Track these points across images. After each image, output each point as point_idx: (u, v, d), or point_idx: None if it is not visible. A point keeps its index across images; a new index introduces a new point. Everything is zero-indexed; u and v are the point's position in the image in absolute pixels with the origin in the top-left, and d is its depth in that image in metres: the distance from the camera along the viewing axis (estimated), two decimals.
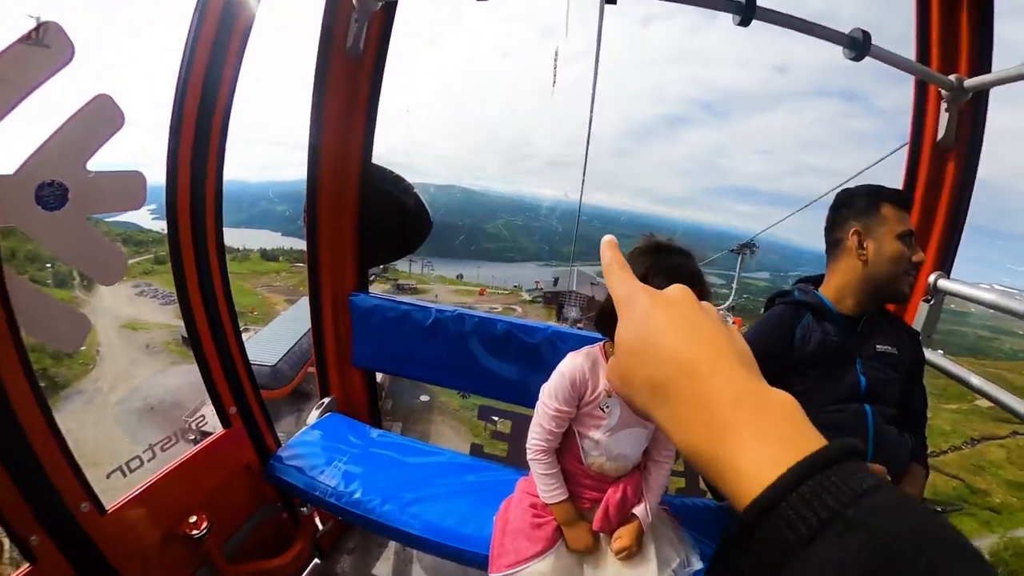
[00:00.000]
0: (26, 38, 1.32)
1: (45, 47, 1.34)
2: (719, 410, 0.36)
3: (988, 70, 1.90)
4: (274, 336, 20.28)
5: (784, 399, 0.36)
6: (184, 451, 1.93)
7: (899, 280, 1.57)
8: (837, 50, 1.77)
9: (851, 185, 1.70)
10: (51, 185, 1.42)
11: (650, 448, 1.50)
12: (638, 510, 1.44)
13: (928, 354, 1.85)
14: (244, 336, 2.13)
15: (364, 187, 2.45)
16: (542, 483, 1.46)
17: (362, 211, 2.48)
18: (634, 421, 1.40)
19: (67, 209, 1.45)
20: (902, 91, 2.20)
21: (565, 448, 1.48)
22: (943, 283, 2.00)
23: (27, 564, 1.40)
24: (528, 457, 1.48)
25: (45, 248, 1.46)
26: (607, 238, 0.54)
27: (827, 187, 1.95)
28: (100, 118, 1.49)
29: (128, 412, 20.03)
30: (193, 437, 2.09)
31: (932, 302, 2.01)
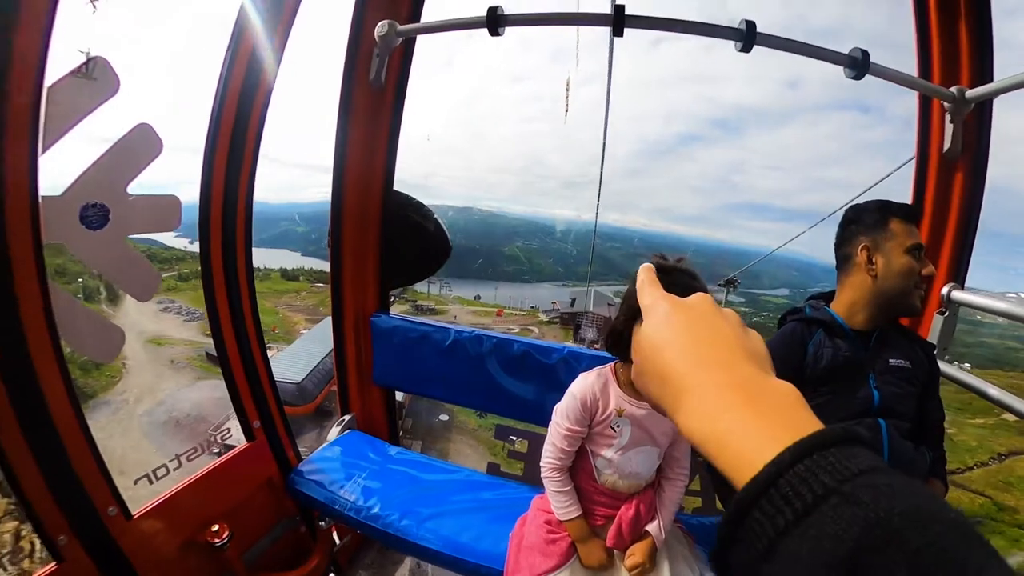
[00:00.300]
0: (76, 71, 1.42)
1: (93, 80, 1.44)
2: (723, 396, 0.38)
3: (990, 79, 1.90)
4: (299, 355, 20.61)
5: (786, 388, 0.38)
6: (208, 463, 1.98)
7: (910, 294, 1.57)
8: (845, 76, 1.79)
9: (863, 199, 1.71)
10: (94, 206, 1.51)
11: (664, 466, 1.51)
12: (651, 527, 1.44)
13: (945, 367, 1.83)
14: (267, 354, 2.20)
15: (386, 212, 2.52)
16: (556, 500, 1.48)
17: (384, 235, 2.55)
18: (645, 440, 1.42)
19: (108, 229, 1.54)
20: (914, 98, 2.22)
21: (579, 466, 1.50)
22: (957, 294, 1.98)
23: (53, 563, 1.44)
24: (542, 475, 1.50)
25: (88, 265, 1.54)
26: (645, 264, 0.59)
27: (844, 201, 1.96)
28: (141, 145, 1.59)
29: (154, 424, 20.27)
30: (217, 450, 2.14)
31: (947, 314, 1.98)
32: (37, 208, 1.33)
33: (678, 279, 1.24)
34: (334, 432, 2.45)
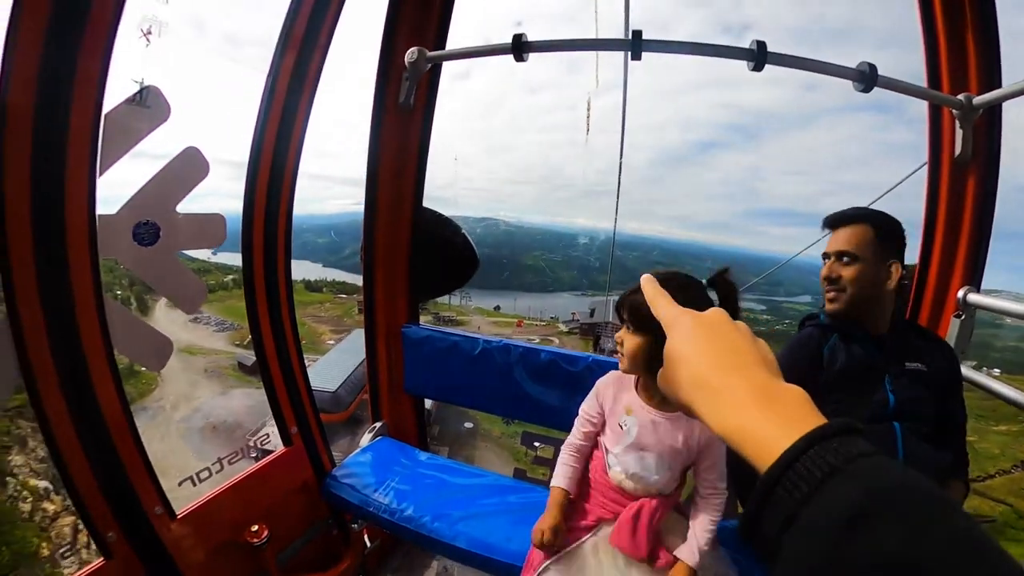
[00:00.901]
0: (131, 100, 1.50)
1: (146, 107, 1.53)
2: (746, 397, 0.45)
3: (998, 85, 1.89)
4: (333, 364, 20.92)
5: (796, 390, 0.45)
6: (247, 466, 2.03)
7: (824, 295, 1.66)
8: (855, 90, 1.81)
9: (881, 203, 1.75)
10: (146, 224, 1.57)
11: (696, 484, 1.46)
12: (683, 553, 1.39)
13: (962, 369, 1.78)
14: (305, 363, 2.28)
15: (416, 228, 2.57)
16: (557, 468, 1.57)
17: (414, 250, 2.59)
18: (650, 445, 1.40)
19: (158, 245, 1.60)
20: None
21: (596, 458, 1.54)
22: (973, 297, 1.95)
23: (101, 559, 1.49)
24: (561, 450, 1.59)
25: (140, 278, 1.61)
26: (645, 276, 0.64)
27: (864, 204, 2.00)
28: (189, 167, 1.66)
29: (191, 430, 20.41)
30: (255, 455, 2.21)
31: (963, 317, 1.96)
32: (94, 226, 1.40)
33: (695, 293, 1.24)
34: (366, 439, 2.47)
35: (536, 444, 2.62)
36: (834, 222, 1.65)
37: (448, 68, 2.49)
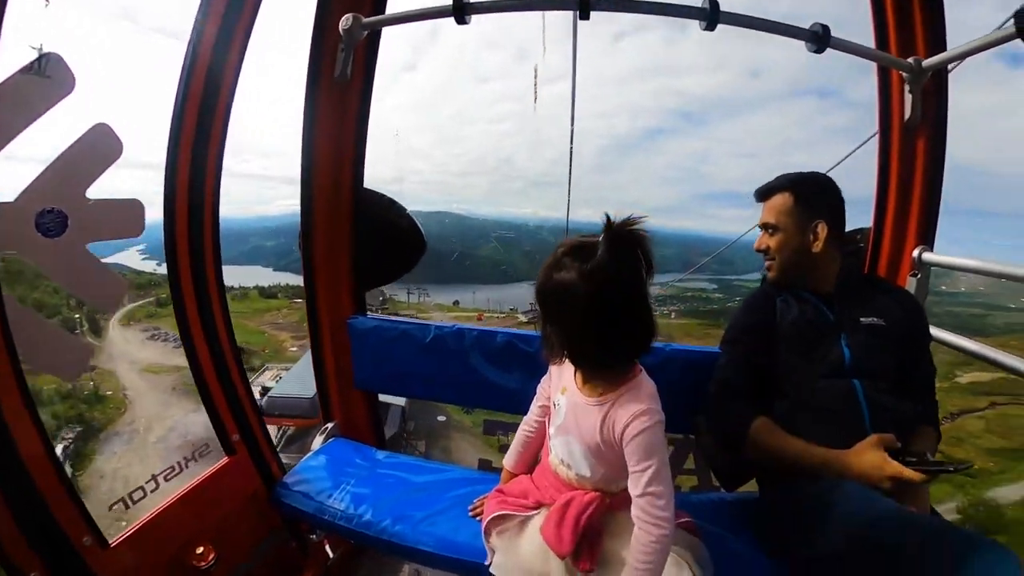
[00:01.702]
0: (27, 69, 1.33)
1: (46, 78, 1.36)
2: None
3: (943, 49, 1.96)
4: (306, 371, 20.96)
5: None
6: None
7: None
8: (807, 50, 1.84)
9: (830, 175, 1.81)
10: (51, 212, 1.42)
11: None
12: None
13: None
14: (268, 374, 2.14)
15: (357, 212, 2.45)
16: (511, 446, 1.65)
17: (356, 236, 2.47)
18: (571, 429, 1.33)
19: (67, 236, 1.45)
20: (871, 82, 2.34)
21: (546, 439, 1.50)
22: (927, 256, 2.04)
23: None
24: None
25: (47, 275, 1.45)
26: None
27: None
28: (99, 146, 1.50)
29: (169, 449, 19.93)
30: None
31: (919, 276, 2.04)
32: None
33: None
34: (318, 441, 2.35)
35: (501, 432, 2.55)
36: (760, 195, 1.76)
37: (394, 61, 2.36)
